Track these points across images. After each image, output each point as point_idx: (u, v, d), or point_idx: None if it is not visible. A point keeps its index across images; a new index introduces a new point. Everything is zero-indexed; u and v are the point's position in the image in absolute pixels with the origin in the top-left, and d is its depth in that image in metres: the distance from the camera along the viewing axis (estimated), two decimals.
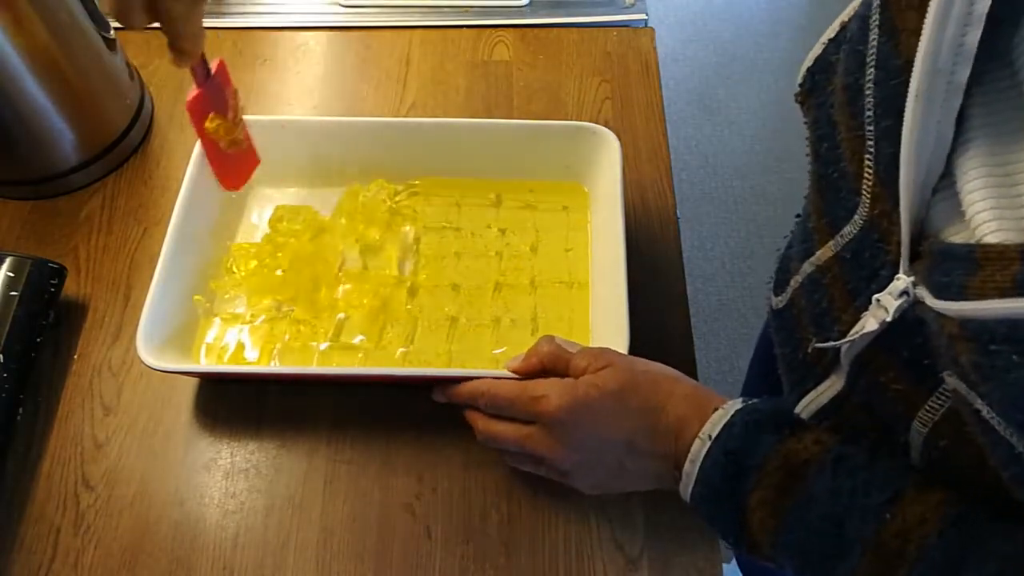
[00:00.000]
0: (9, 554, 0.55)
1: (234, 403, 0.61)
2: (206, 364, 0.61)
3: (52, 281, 0.62)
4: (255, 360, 0.61)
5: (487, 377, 0.54)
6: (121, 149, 0.74)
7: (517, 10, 0.86)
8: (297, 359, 0.62)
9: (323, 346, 0.62)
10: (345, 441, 0.59)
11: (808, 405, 0.48)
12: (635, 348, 0.63)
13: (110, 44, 0.71)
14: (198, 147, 0.65)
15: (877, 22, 0.36)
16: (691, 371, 0.62)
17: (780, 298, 0.53)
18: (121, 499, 0.57)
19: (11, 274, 0.61)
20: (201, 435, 0.60)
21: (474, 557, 0.55)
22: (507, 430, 0.52)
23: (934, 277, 0.33)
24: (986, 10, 0.30)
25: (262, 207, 0.70)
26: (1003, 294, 0.29)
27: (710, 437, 0.45)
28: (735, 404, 0.46)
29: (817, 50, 0.47)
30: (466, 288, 0.65)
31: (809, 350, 0.46)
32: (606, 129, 0.65)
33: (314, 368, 0.61)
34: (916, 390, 0.38)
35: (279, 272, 0.65)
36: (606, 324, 0.60)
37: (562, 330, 0.63)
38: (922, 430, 0.38)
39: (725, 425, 0.45)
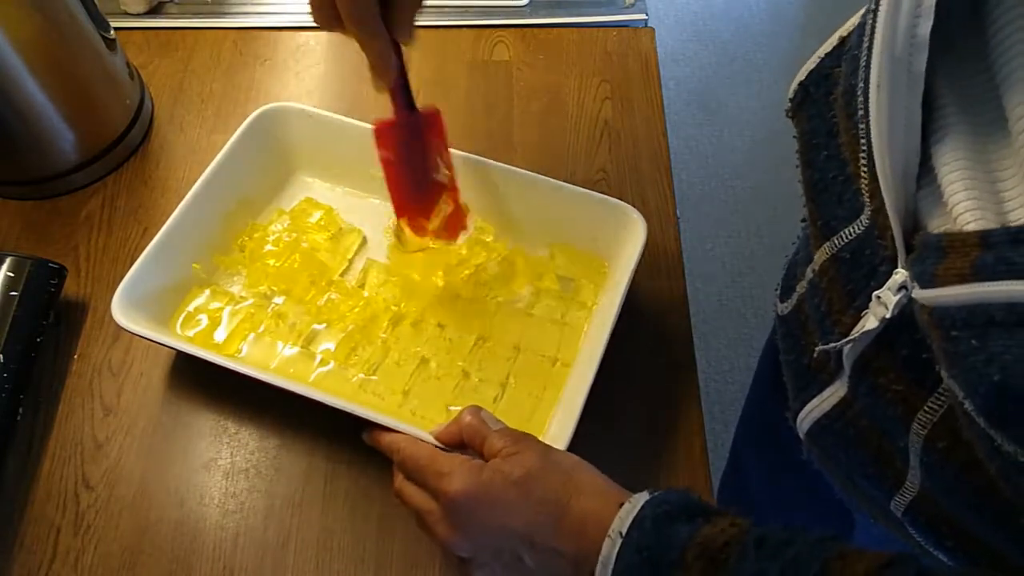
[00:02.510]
0: (9, 554, 0.55)
1: (234, 403, 0.61)
2: (163, 335, 0.59)
3: (52, 281, 0.62)
4: (222, 341, 0.62)
5: (406, 434, 0.51)
6: (121, 149, 0.74)
7: (517, 10, 0.86)
8: (263, 354, 0.61)
9: (289, 351, 0.61)
10: (345, 441, 0.59)
11: (811, 412, 0.48)
12: (635, 350, 0.63)
13: (110, 44, 0.71)
14: (241, 128, 0.66)
15: (870, 26, 0.37)
16: (691, 371, 0.63)
17: (786, 304, 0.53)
18: (121, 499, 0.57)
19: (11, 274, 0.61)
20: (201, 435, 0.60)
21: None
22: (413, 497, 0.49)
23: (915, 267, 0.34)
24: (934, 2, 0.31)
25: (298, 194, 0.70)
26: (963, 280, 0.30)
27: (620, 534, 0.41)
28: (642, 497, 0.43)
29: (812, 64, 0.47)
30: (449, 332, 0.62)
31: (815, 354, 0.46)
32: (637, 213, 0.62)
33: (250, 368, 0.57)
34: (916, 391, 0.38)
35: (273, 262, 0.65)
36: (564, 414, 0.57)
37: (527, 406, 0.60)
38: (921, 432, 0.38)
39: (635, 520, 0.41)
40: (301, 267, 0.65)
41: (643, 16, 0.85)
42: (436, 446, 0.51)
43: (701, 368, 0.63)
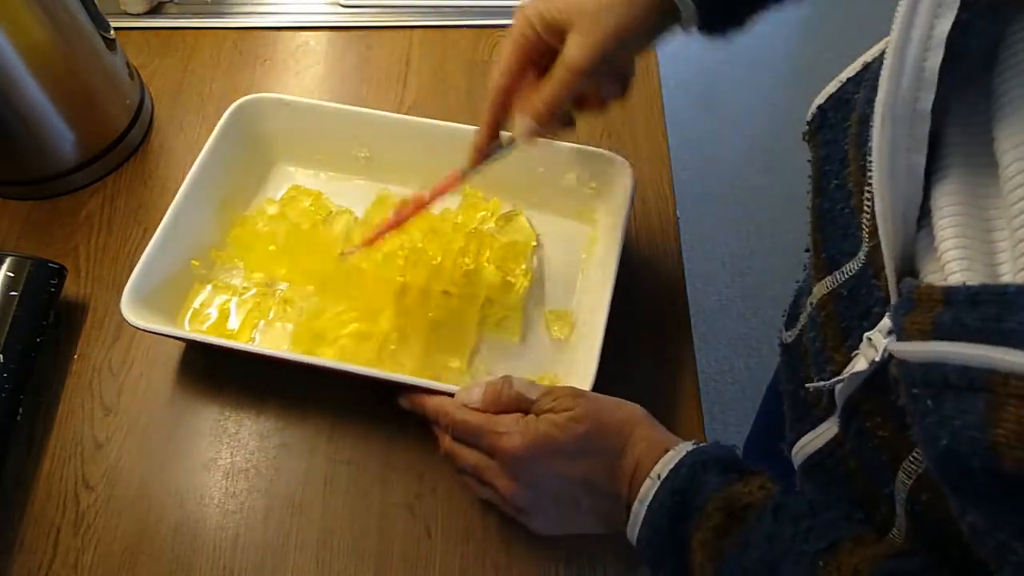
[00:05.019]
0: (9, 554, 0.55)
1: (234, 403, 0.61)
2: (177, 329, 0.61)
3: (52, 281, 0.62)
4: (235, 331, 0.62)
5: (452, 395, 0.53)
6: (121, 149, 0.74)
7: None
8: (276, 338, 0.62)
9: None
10: (345, 441, 0.59)
11: (805, 447, 0.47)
12: (635, 350, 0.63)
13: (110, 44, 0.71)
14: (221, 123, 0.66)
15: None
16: (691, 371, 0.63)
17: (790, 333, 0.52)
18: (121, 499, 0.57)
19: (11, 274, 0.61)
20: (201, 435, 0.60)
21: (474, 557, 0.55)
22: (469, 456, 0.51)
23: (893, 316, 0.33)
24: (945, 34, 0.30)
25: (282, 184, 0.71)
26: (924, 336, 0.29)
27: (659, 477, 0.45)
28: (687, 446, 0.46)
29: (832, 88, 0.47)
30: (456, 296, 0.64)
31: (811, 388, 0.45)
32: (624, 161, 0.64)
33: (278, 351, 0.59)
34: (902, 439, 0.37)
35: (272, 248, 0.65)
36: (581, 363, 0.58)
37: None
38: (907, 482, 0.37)
39: (675, 466, 0.45)
40: (302, 251, 0.65)
41: None
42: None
43: (701, 368, 0.64)
